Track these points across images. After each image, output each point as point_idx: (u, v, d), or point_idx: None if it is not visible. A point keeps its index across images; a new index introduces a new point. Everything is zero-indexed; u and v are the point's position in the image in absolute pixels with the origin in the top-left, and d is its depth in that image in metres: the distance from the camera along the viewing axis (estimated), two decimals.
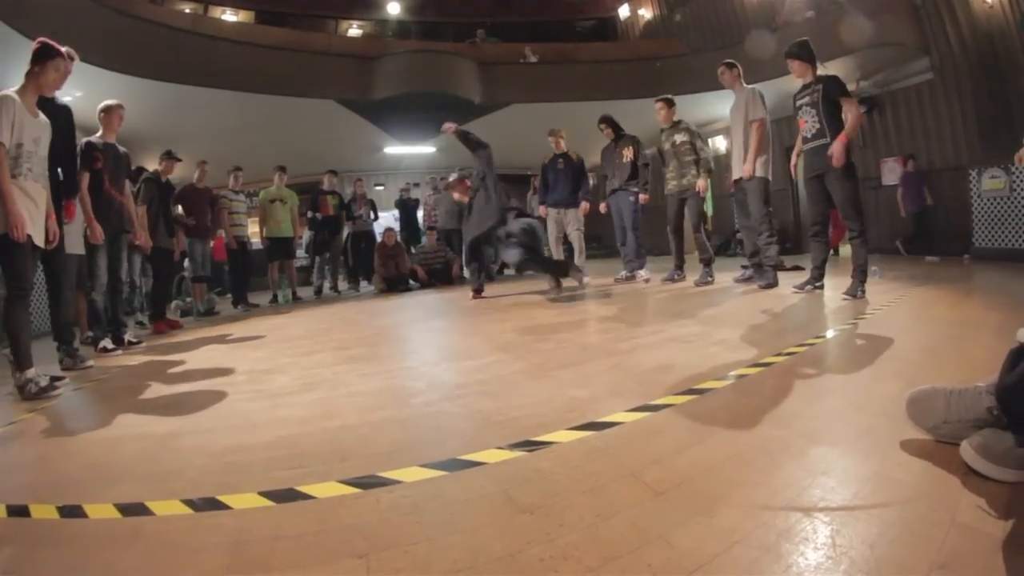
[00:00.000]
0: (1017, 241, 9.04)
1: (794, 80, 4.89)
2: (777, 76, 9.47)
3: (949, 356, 2.35)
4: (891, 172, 11.21)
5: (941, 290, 4.67)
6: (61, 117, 3.38)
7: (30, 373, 2.82)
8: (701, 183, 5.82)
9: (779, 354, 2.33)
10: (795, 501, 1.10)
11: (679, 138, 5.98)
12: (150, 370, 3.37)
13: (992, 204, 9.32)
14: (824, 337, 2.78)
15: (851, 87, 11.17)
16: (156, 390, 2.72)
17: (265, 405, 2.18)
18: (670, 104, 6.20)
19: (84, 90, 7.75)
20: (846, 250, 5.03)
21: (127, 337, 4.64)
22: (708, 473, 1.27)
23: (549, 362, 2.38)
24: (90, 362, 3.78)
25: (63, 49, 3.13)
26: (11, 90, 2.91)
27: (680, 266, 6.21)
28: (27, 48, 3.11)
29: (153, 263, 5.90)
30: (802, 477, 1.22)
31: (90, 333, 4.67)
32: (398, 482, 1.33)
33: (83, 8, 8.73)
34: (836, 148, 4.17)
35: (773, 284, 5.10)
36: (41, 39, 3.09)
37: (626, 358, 2.39)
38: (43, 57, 3.02)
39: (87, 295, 4.42)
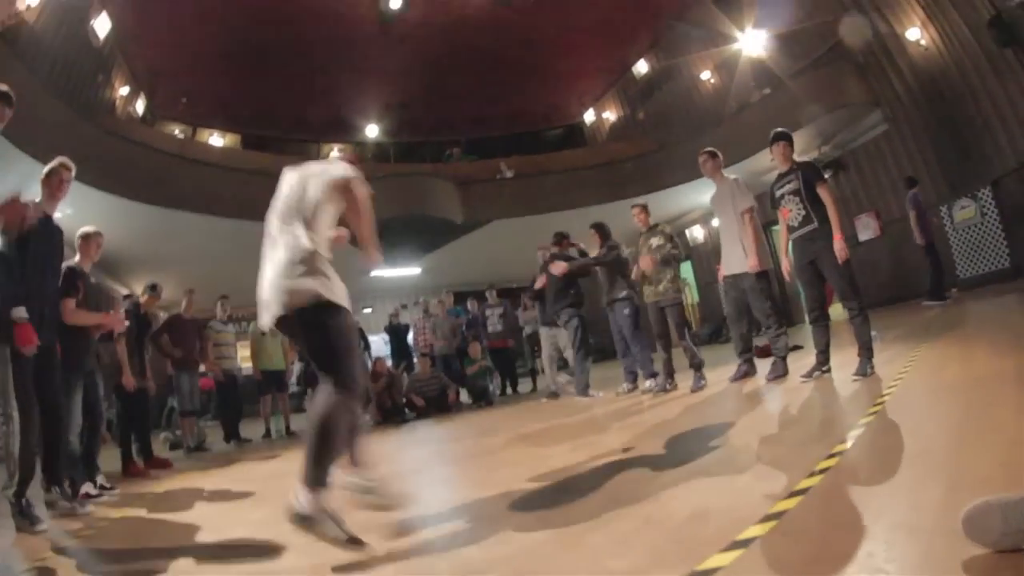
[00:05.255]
0: (997, 262, 9.27)
1: (760, 160, 5.10)
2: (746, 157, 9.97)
3: (980, 433, 2.30)
4: (865, 228, 11.62)
5: (945, 343, 4.63)
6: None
7: None
8: (645, 260, 5.95)
9: (812, 474, 2.22)
10: None
11: (655, 242, 6.09)
12: (134, 532, 3.16)
13: (967, 233, 9.68)
14: (849, 442, 2.67)
15: (814, 153, 11.92)
16: (143, 567, 2.52)
17: None
18: (645, 209, 6.36)
19: (74, 207, 7.78)
20: (835, 310, 5.01)
21: (100, 481, 4.48)
22: None
23: (576, 522, 2.25)
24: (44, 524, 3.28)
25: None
26: None
27: (671, 374, 6.09)
28: (19, 159, 3.14)
29: (121, 402, 5.62)
30: None
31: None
32: None
33: (76, 125, 8.99)
34: (839, 248, 4.28)
35: (783, 375, 5.06)
36: None
37: (657, 508, 2.26)
38: None
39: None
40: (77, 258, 4.49)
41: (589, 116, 21.51)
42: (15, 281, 3.32)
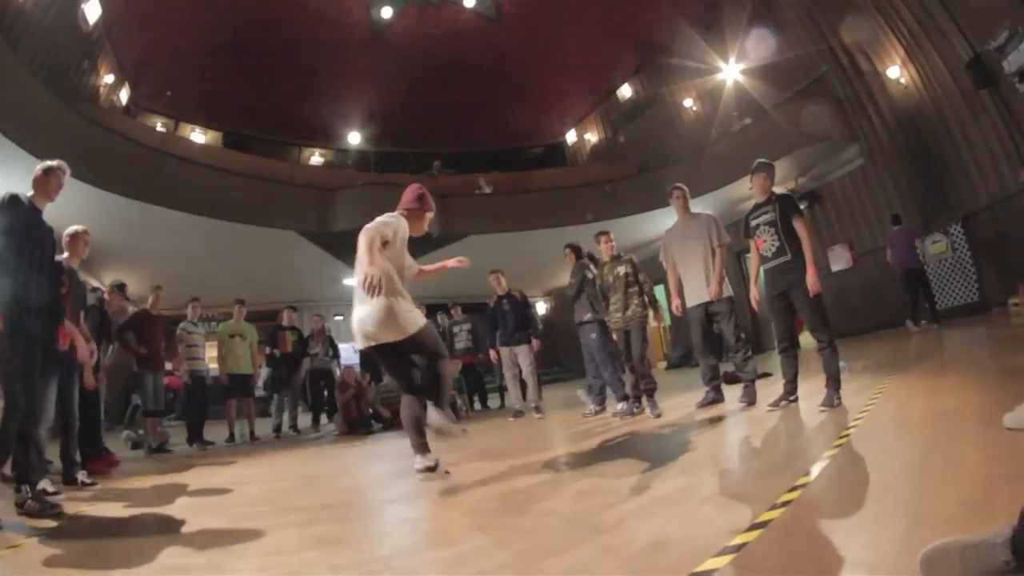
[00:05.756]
0: (967, 296, 9.56)
1: (737, 189, 5.20)
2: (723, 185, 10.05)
3: (943, 469, 2.32)
4: (838, 259, 11.84)
5: (913, 375, 4.67)
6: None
7: None
8: (652, 317, 5.97)
9: (774, 507, 2.21)
10: None
11: (622, 270, 6.09)
12: (86, 534, 3.08)
13: (940, 267, 9.95)
14: (813, 474, 2.66)
15: (791, 185, 12.16)
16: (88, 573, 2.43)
17: None
18: (610, 236, 6.39)
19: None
20: (805, 338, 5.09)
21: (80, 478, 4.50)
22: None
23: (534, 548, 2.22)
24: None
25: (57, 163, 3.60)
26: None
27: (638, 398, 6.09)
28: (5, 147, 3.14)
29: (81, 399, 5.52)
30: None
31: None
32: None
33: (57, 110, 8.88)
34: (811, 281, 4.32)
35: (753, 401, 5.15)
36: None
37: (616, 535, 2.23)
38: None
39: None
40: (66, 255, 4.54)
41: (571, 136, 21.61)
42: (13, 279, 3.33)
